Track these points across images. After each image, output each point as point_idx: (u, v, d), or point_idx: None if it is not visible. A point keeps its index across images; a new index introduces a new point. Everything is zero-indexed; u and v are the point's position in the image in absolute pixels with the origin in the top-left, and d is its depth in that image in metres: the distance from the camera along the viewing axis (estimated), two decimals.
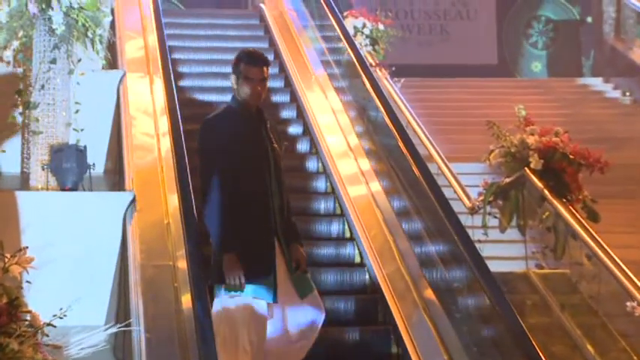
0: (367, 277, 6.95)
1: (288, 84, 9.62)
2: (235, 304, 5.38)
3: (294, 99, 9.28)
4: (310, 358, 5.56)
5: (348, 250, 7.23)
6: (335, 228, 7.46)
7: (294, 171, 8.01)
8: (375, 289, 6.74)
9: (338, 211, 7.69)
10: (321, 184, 8.02)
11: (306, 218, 7.41)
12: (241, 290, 5.34)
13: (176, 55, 9.75)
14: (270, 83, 9.50)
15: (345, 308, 6.65)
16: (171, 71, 7.33)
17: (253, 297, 5.39)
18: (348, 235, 7.41)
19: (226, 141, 5.49)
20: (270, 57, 10.19)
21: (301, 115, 9.00)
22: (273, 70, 10.04)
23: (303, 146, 8.67)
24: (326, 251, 7.21)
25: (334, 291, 6.80)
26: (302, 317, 5.56)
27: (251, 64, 5.57)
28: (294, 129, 8.91)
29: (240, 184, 5.46)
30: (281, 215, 5.56)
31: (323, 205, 7.76)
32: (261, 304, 5.41)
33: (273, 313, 5.49)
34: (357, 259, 7.17)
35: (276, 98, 9.36)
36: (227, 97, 6.22)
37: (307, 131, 8.80)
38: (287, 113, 9.20)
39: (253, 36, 10.94)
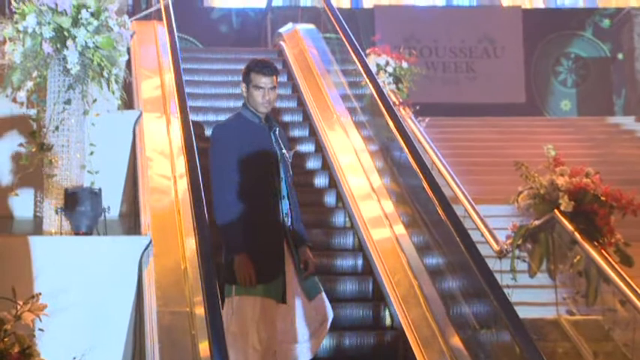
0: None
1: (310, 124, 9.64)
2: (246, 304, 5.70)
3: (318, 143, 9.27)
4: None
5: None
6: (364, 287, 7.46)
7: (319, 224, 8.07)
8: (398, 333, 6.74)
9: (367, 269, 7.67)
10: (348, 239, 8.01)
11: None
12: (252, 289, 5.65)
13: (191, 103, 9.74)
14: (289, 117, 9.71)
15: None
16: (188, 111, 7.36)
17: (263, 297, 5.70)
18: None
19: (237, 146, 5.87)
20: (293, 99, 10.22)
21: (326, 164, 8.96)
22: (292, 104, 10.09)
23: (321, 181, 8.72)
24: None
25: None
26: (311, 317, 5.89)
27: (261, 73, 5.97)
28: (313, 163, 8.96)
29: (251, 187, 5.83)
30: (290, 218, 5.93)
31: (351, 262, 7.74)
32: (270, 304, 5.73)
33: (283, 313, 5.79)
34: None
35: (302, 145, 9.35)
36: None
37: (327, 168, 8.83)
38: (308, 150, 9.23)
39: None
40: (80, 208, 6.35)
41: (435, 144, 11.21)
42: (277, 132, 6.02)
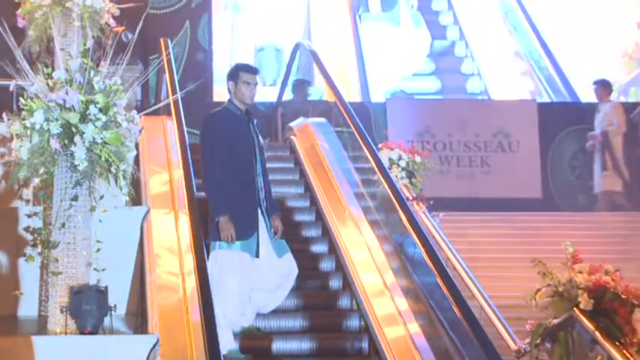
0: None
1: (320, 218, 9.66)
2: (227, 256, 7.35)
3: (331, 242, 9.26)
4: None
5: None
6: None
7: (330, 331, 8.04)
8: None
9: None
10: (364, 344, 7.94)
11: None
12: (232, 245, 7.29)
13: None
14: (300, 216, 9.73)
15: None
16: (197, 207, 7.39)
17: (241, 251, 7.34)
18: None
19: (223, 132, 7.53)
20: (305, 198, 10.25)
21: (340, 265, 8.92)
22: (304, 203, 10.12)
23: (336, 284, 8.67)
24: None
25: None
26: (280, 272, 7.50)
27: (249, 71, 7.72)
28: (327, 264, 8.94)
29: (233, 165, 7.48)
30: (264, 192, 7.58)
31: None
32: (246, 258, 7.39)
33: (257, 266, 7.40)
34: None
35: (315, 246, 9.34)
36: None
37: (341, 269, 8.80)
38: (321, 251, 9.22)
39: (284, 168, 11.00)
40: (86, 307, 6.34)
41: (450, 239, 11.19)
42: (255, 123, 7.70)
